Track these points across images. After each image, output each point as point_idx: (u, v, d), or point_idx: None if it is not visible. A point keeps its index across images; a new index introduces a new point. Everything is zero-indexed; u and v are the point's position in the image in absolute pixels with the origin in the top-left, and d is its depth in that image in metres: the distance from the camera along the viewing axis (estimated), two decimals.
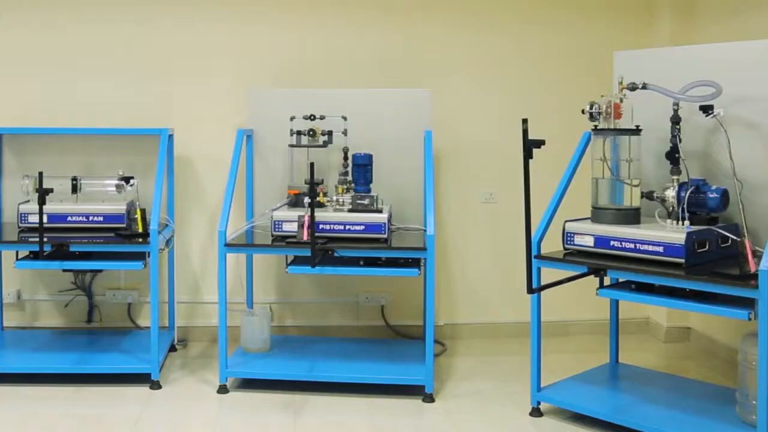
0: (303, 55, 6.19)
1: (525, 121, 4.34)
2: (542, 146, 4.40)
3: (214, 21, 6.18)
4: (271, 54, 6.19)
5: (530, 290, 4.63)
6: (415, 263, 5.16)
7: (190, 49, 6.18)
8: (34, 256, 5.27)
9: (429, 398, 5.10)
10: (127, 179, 5.67)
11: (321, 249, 5.02)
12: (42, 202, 5.17)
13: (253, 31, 6.19)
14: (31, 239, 5.28)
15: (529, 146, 4.39)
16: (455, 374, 5.62)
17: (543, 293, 4.76)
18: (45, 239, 5.15)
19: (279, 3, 6.19)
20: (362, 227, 5.18)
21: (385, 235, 5.17)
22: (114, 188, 5.72)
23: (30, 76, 6.15)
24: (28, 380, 5.31)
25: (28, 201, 5.62)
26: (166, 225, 5.78)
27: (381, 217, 5.20)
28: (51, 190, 5.29)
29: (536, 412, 4.90)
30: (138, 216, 5.44)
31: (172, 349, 5.99)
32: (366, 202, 5.32)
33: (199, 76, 6.19)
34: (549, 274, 4.75)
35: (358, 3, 6.23)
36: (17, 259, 5.40)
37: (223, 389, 5.20)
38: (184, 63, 6.18)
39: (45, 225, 5.18)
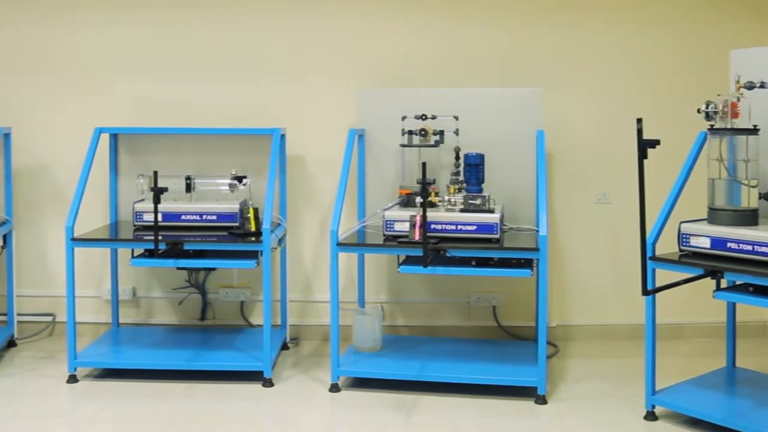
0: (414, 55, 6.17)
1: (639, 120, 4.25)
2: (657, 146, 4.30)
3: (326, 22, 6.20)
4: (382, 54, 6.18)
5: (645, 292, 4.53)
6: (527, 264, 5.09)
7: (302, 50, 6.22)
8: (149, 254, 5.38)
9: (541, 400, 5.02)
10: (240, 178, 5.74)
11: (433, 249, 4.99)
12: (157, 201, 5.26)
13: (365, 32, 6.20)
14: (146, 237, 5.37)
15: (644, 146, 4.30)
16: (568, 376, 5.53)
17: (658, 295, 4.65)
18: (160, 237, 5.24)
19: (391, 3, 6.19)
20: (474, 227, 5.13)
21: (498, 236, 5.12)
22: (227, 187, 5.79)
23: (145, 76, 6.28)
24: (143, 376, 5.41)
25: (143, 200, 5.73)
26: (279, 224, 5.82)
27: (493, 217, 5.14)
28: (166, 189, 5.37)
29: (651, 416, 4.78)
30: (251, 215, 5.49)
31: (284, 347, 6.03)
32: (478, 202, 5.27)
33: (311, 76, 6.22)
34: (664, 275, 4.65)
35: (470, 2, 6.18)
36: (133, 257, 5.51)
37: (334, 388, 5.21)
38: (297, 64, 6.22)
39: (159, 223, 5.28)
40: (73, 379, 5.37)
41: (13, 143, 6.16)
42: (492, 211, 5.22)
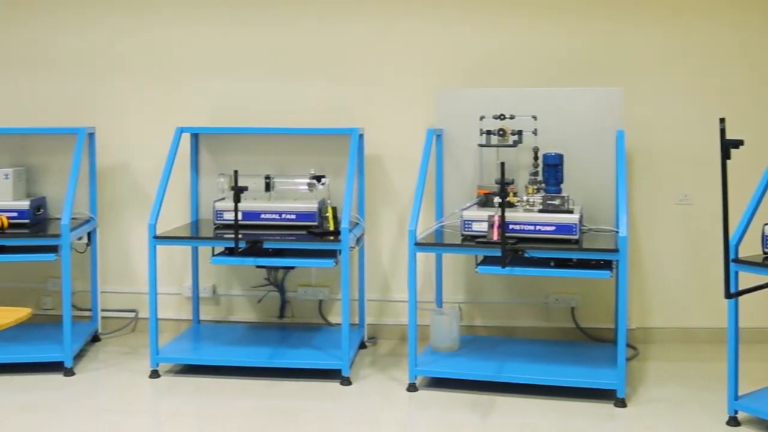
0: (492, 55, 6.15)
1: (722, 120, 4.18)
2: (740, 146, 4.23)
3: (405, 22, 6.21)
4: (460, 54, 6.18)
5: (728, 295, 4.45)
6: (607, 265, 5.04)
7: (382, 50, 6.24)
8: (230, 252, 5.45)
9: (620, 403, 4.96)
10: (318, 178, 5.78)
11: (511, 249, 4.97)
12: (237, 200, 5.33)
13: (443, 31, 6.19)
14: (226, 236, 5.44)
15: (727, 146, 4.23)
16: (647, 379, 5.46)
17: (741, 298, 4.57)
18: (240, 236, 5.30)
19: (468, 3, 6.17)
20: (553, 228, 5.10)
21: (577, 236, 5.08)
22: (306, 187, 5.84)
23: (226, 77, 6.36)
24: (223, 372, 5.49)
25: (223, 199, 5.81)
26: (357, 223, 5.85)
27: (572, 218, 5.10)
28: (245, 188, 5.44)
29: (733, 422, 4.69)
30: (329, 214, 5.53)
31: (362, 346, 6.06)
32: (557, 202, 5.24)
33: (389, 76, 6.24)
34: (747, 278, 4.56)
35: (548, 2, 6.13)
36: (213, 255, 5.59)
37: (412, 387, 5.22)
38: (375, 64, 6.25)
39: (239, 222, 5.35)
40: (155, 374, 5.47)
41: (97, 143, 6.29)
42: (571, 212, 5.18)
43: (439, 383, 5.29)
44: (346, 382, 5.33)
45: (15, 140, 6.26)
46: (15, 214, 5.77)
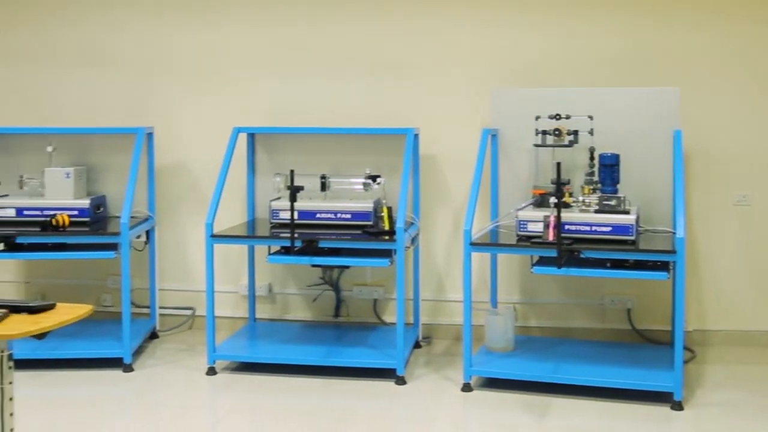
0: (547, 54, 6.13)
1: None
2: None
3: (460, 22, 6.21)
4: (515, 53, 6.16)
5: None
6: (663, 266, 5.01)
7: (437, 50, 6.25)
8: (286, 251, 5.48)
9: (677, 406, 4.92)
10: (373, 177, 5.80)
11: (567, 250, 4.95)
12: (293, 199, 5.38)
13: (498, 31, 6.18)
14: (282, 235, 5.48)
15: None
16: (705, 382, 5.40)
17: None
18: (296, 235, 5.34)
19: (524, 2, 6.15)
20: (609, 228, 5.07)
21: (633, 237, 5.04)
22: (361, 186, 5.88)
23: (282, 77, 6.42)
24: (278, 370, 5.53)
25: (279, 198, 5.86)
26: (412, 223, 5.87)
27: (629, 219, 5.07)
28: (301, 188, 5.49)
29: None
30: (384, 214, 5.55)
31: (417, 345, 6.07)
32: (613, 202, 5.22)
33: (444, 76, 6.24)
34: None
35: (605, 0, 6.09)
36: (269, 253, 5.63)
37: (466, 387, 5.22)
38: (431, 64, 6.25)
39: (295, 221, 5.39)
40: (212, 371, 5.53)
41: (155, 142, 6.38)
42: (627, 212, 5.15)
43: (494, 384, 5.28)
44: (401, 381, 5.35)
45: (76, 140, 6.35)
46: (76, 213, 5.86)
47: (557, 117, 5.65)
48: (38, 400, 5.07)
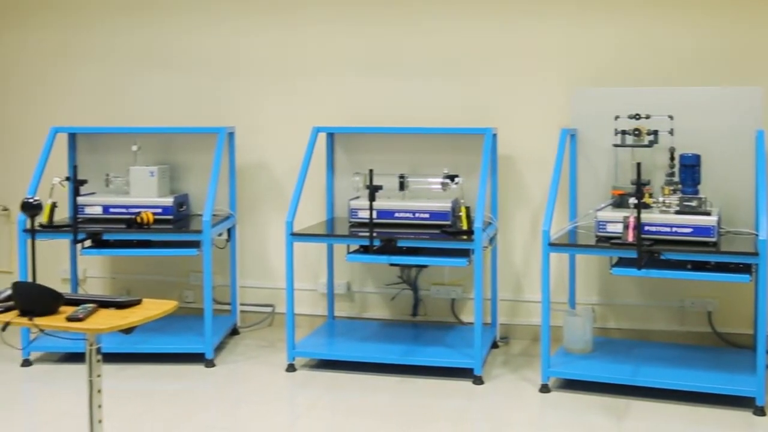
0: (626, 53, 6.07)
1: None
2: None
3: (538, 21, 6.19)
4: (594, 52, 6.11)
5: None
6: (746, 269, 4.94)
7: (514, 49, 6.23)
8: (364, 250, 5.53)
9: (759, 411, 4.84)
10: (452, 177, 5.82)
11: (647, 251, 4.91)
12: (372, 198, 5.42)
13: (576, 30, 6.14)
14: (361, 234, 5.54)
15: None
16: None
17: None
18: (374, 234, 5.39)
19: (602, 1, 6.10)
20: (690, 230, 5.02)
21: (714, 239, 4.99)
22: (439, 186, 5.90)
23: (360, 77, 6.47)
24: (356, 368, 5.59)
25: (358, 197, 5.91)
26: (490, 223, 5.87)
27: (710, 220, 5.01)
28: (380, 187, 5.53)
29: None
30: (463, 213, 5.56)
31: (494, 345, 6.07)
32: (694, 204, 5.17)
33: (522, 76, 6.23)
34: None
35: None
36: (348, 252, 5.68)
37: (544, 388, 5.22)
38: (509, 63, 6.24)
39: (374, 220, 5.43)
40: (291, 368, 5.61)
41: (236, 142, 6.48)
42: (708, 214, 5.09)
43: (572, 385, 5.27)
44: (479, 381, 5.36)
45: (160, 139, 6.49)
46: (159, 211, 5.99)
47: (637, 117, 5.61)
48: (124, 392, 5.20)
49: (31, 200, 3.92)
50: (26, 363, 5.75)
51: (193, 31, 6.72)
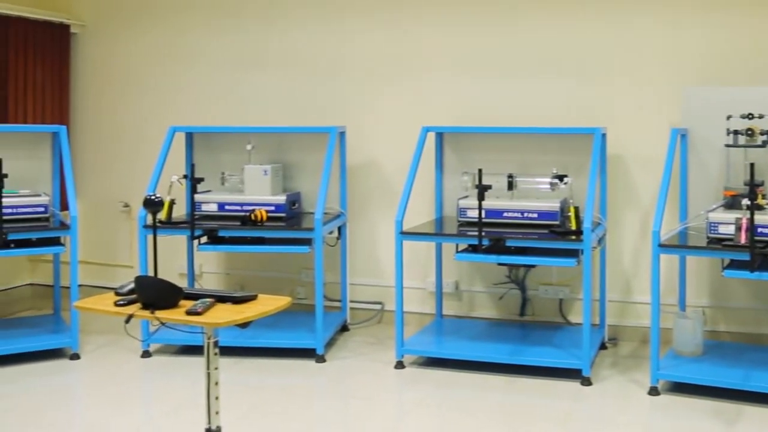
0: (738, 52, 5.95)
1: None
2: None
3: (646, 19, 6.12)
4: (704, 52, 6.01)
5: None
6: None
7: (623, 48, 6.18)
8: (473, 249, 5.57)
9: None
10: (561, 177, 5.81)
11: (760, 253, 4.84)
12: (481, 198, 5.45)
13: (686, 29, 6.05)
14: (470, 233, 5.58)
15: None
16: None
17: None
18: (483, 233, 5.43)
19: (713, 0, 6.02)
20: None
21: None
22: (548, 186, 5.90)
23: (469, 77, 6.51)
24: (464, 367, 5.63)
25: (467, 196, 5.94)
26: (599, 223, 5.84)
27: None
28: (489, 187, 5.55)
29: None
30: (571, 214, 5.55)
31: (603, 346, 6.04)
32: None
33: (631, 76, 6.18)
34: None
35: None
36: (457, 251, 5.72)
37: (653, 391, 5.18)
38: (617, 62, 6.20)
39: (483, 220, 5.47)
40: (400, 365, 5.69)
41: (347, 141, 6.59)
42: None
43: (681, 388, 5.21)
44: (587, 382, 5.35)
45: (274, 139, 6.64)
46: (273, 208, 6.13)
47: (750, 116, 5.51)
48: (238, 385, 5.34)
49: (153, 197, 4.04)
50: (146, 354, 5.96)
51: (306, 32, 6.86)
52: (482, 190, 5.49)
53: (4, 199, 5.65)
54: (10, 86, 6.90)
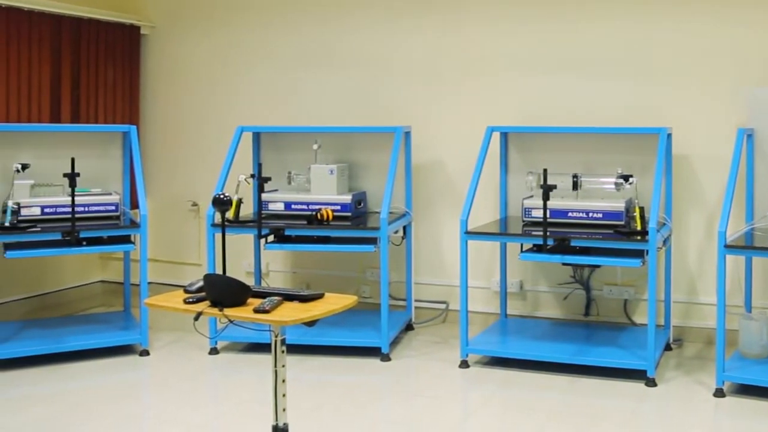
0: None
1: None
2: None
3: (711, 19, 6.07)
4: None
5: None
6: None
7: (688, 48, 6.13)
8: (538, 249, 5.58)
9: None
10: (626, 177, 5.79)
11: None
12: (546, 198, 5.46)
13: (753, 28, 5.99)
14: (534, 233, 5.59)
15: None
16: None
17: None
18: (548, 234, 5.44)
19: None
20: None
21: None
22: (612, 186, 5.88)
23: (534, 76, 6.52)
24: (528, 366, 5.66)
25: (532, 196, 5.96)
26: (664, 224, 5.81)
27: None
28: (554, 187, 5.56)
29: None
30: (636, 214, 5.54)
31: (667, 347, 6.02)
32: None
33: (697, 75, 6.13)
34: None
35: None
36: (521, 251, 5.74)
37: (719, 393, 5.15)
38: (683, 62, 6.16)
39: (548, 220, 5.48)
40: (464, 364, 5.73)
41: (412, 141, 6.64)
42: None
43: (748, 390, 5.18)
44: (651, 383, 5.34)
45: (340, 138, 6.71)
46: (338, 207, 6.20)
47: None
48: (304, 383, 5.43)
49: (221, 196, 4.13)
50: (213, 351, 6.07)
51: (372, 31, 6.92)
52: (547, 190, 5.50)
53: (76, 198, 5.82)
54: (82, 87, 7.07)
